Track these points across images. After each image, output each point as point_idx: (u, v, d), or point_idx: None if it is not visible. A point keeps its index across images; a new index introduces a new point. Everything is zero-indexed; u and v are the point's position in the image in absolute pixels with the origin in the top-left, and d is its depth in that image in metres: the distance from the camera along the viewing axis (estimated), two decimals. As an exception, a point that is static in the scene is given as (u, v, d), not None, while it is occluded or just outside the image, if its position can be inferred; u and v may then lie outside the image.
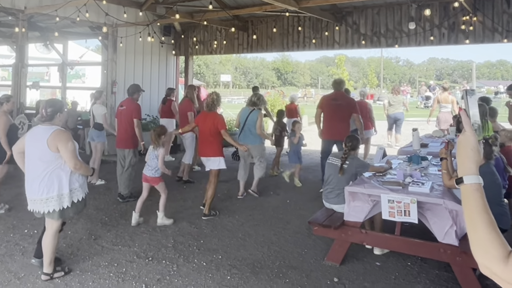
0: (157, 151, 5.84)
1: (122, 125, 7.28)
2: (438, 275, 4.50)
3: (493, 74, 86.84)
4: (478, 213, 1.20)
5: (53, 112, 4.24)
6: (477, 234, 1.18)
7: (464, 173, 1.26)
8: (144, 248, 5.13)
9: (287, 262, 4.80)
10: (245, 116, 7.35)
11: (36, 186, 4.17)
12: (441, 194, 4.25)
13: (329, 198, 5.20)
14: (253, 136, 7.29)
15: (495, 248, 1.13)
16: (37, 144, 4.16)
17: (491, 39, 8.97)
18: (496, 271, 1.13)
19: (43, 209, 4.20)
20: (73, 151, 4.14)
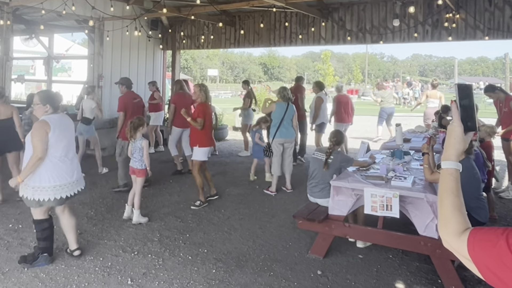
0: (140, 144, 5.84)
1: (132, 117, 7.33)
2: (419, 267, 4.61)
3: (474, 70, 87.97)
4: (447, 193, 1.34)
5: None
6: (442, 211, 1.33)
7: (444, 159, 1.39)
8: (130, 242, 5.16)
9: (272, 255, 4.88)
10: (283, 112, 7.33)
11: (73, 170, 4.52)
12: (422, 188, 4.35)
13: (313, 192, 5.28)
14: (291, 130, 7.43)
15: (453, 224, 1.28)
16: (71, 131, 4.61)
17: (473, 36, 9.10)
18: (452, 244, 1.27)
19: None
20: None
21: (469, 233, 1.23)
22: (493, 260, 1.14)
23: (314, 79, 72.82)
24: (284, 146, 7.42)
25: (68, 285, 4.14)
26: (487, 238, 1.18)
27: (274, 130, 7.39)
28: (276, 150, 7.40)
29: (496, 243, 1.14)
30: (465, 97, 1.39)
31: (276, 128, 7.36)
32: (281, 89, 7.71)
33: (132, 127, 5.82)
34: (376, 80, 36.87)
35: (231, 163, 9.86)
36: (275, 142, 7.40)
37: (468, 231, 1.24)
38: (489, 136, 6.24)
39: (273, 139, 7.41)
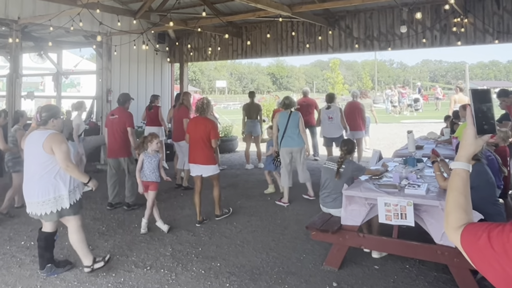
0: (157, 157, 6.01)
1: (113, 135, 7.22)
2: (437, 277, 4.51)
3: (486, 74, 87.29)
4: (452, 191, 1.46)
5: (47, 117, 4.39)
6: (446, 207, 1.46)
7: (455, 160, 1.49)
8: (142, 257, 5.11)
9: (286, 268, 4.80)
10: (286, 120, 7.28)
11: (33, 189, 4.31)
12: (437, 195, 4.27)
13: (326, 203, 5.21)
14: (297, 138, 7.28)
15: (452, 219, 1.40)
16: (33, 147, 4.32)
17: (482, 40, 9.03)
18: (450, 237, 1.40)
19: (40, 211, 4.31)
20: (66, 152, 4.28)
21: (464, 227, 1.34)
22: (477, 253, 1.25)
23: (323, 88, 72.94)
24: (293, 155, 7.34)
25: (81, 302, 4.11)
26: (474, 232, 1.29)
27: (280, 139, 7.35)
28: (283, 159, 7.33)
29: (480, 237, 1.24)
30: (482, 101, 1.44)
31: (281, 137, 7.31)
32: (284, 98, 7.70)
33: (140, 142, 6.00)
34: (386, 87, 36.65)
35: (241, 175, 9.81)
36: (281, 151, 7.34)
37: (464, 226, 1.35)
38: (504, 141, 6.13)
39: (280, 148, 7.37)
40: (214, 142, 6.20)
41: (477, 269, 1.27)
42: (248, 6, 10.18)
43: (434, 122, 19.21)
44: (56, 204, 4.31)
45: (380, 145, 13.11)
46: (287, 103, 7.38)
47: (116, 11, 9.29)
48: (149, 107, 9.83)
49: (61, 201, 4.33)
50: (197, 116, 6.41)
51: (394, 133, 16.90)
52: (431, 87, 52.16)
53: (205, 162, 6.24)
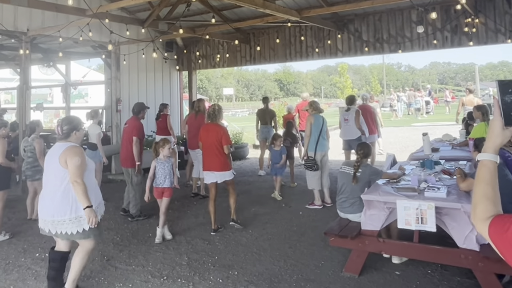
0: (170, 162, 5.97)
1: (124, 144, 7.24)
2: (460, 282, 4.40)
3: (496, 75, 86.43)
4: (479, 182, 1.47)
5: (69, 130, 4.14)
6: (473, 198, 1.47)
7: (482, 151, 1.50)
8: (158, 267, 5.05)
9: (305, 275, 4.71)
10: (321, 124, 7.26)
11: (49, 206, 4.03)
12: (458, 198, 4.17)
13: (343, 208, 5.12)
14: (327, 142, 7.36)
15: (480, 210, 1.42)
16: (52, 161, 4.08)
17: (494, 40, 8.93)
18: (478, 229, 1.42)
19: (54, 230, 4.04)
20: (77, 167, 3.94)
21: (492, 219, 1.36)
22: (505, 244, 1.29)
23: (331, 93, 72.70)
24: (323, 159, 7.31)
25: (98, 314, 4.04)
26: (502, 223, 1.32)
27: (315, 143, 7.22)
28: (320, 163, 7.32)
29: (508, 228, 1.28)
30: (508, 92, 1.44)
31: (316, 140, 7.21)
32: (312, 102, 7.63)
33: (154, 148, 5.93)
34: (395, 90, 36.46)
35: (254, 182, 9.73)
36: (318, 155, 7.26)
37: (492, 217, 1.37)
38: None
39: (315, 152, 7.24)
40: (227, 148, 6.12)
41: (505, 260, 1.31)
42: (255, 12, 10.19)
43: (446, 124, 19.03)
44: (77, 225, 4.00)
45: (393, 149, 12.98)
46: (320, 108, 7.38)
47: (125, 20, 9.31)
48: (157, 116, 9.81)
49: (82, 221, 4.00)
50: (208, 123, 6.36)
51: (406, 136, 16.76)
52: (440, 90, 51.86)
53: (220, 168, 6.17)
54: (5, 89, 21.12)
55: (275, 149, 8.18)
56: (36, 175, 6.85)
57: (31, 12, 9.24)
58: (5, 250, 5.80)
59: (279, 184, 8.16)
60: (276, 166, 8.10)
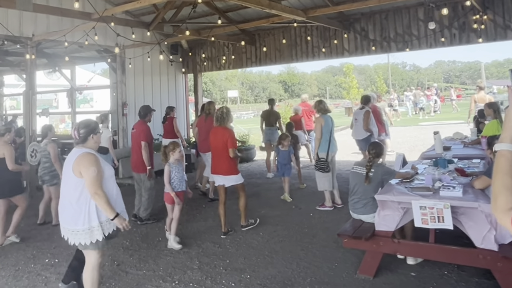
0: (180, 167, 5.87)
1: (134, 149, 7.18)
2: (479, 283, 4.30)
3: (502, 73, 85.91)
4: (497, 173, 1.46)
5: (86, 134, 3.94)
6: (493, 189, 1.46)
7: (499, 141, 1.50)
8: (169, 272, 4.98)
9: (318, 278, 4.63)
10: (330, 125, 7.20)
11: (65, 213, 3.91)
12: (475, 197, 4.08)
13: (356, 209, 5.03)
14: (336, 143, 7.29)
15: (501, 200, 1.41)
16: (67, 168, 3.92)
17: (503, 36, 8.82)
18: (499, 219, 1.41)
19: (73, 241, 3.89)
20: (94, 177, 3.74)
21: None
22: None
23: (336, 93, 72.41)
24: (332, 160, 7.25)
25: (110, 321, 3.98)
26: None
27: (327, 144, 7.12)
28: (331, 164, 7.23)
29: None
30: None
31: (328, 141, 7.12)
32: (319, 102, 7.52)
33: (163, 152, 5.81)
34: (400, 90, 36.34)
35: (263, 184, 9.66)
36: (330, 156, 7.19)
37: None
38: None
39: (328, 154, 7.14)
40: (232, 152, 6.00)
41: None
42: (260, 13, 10.15)
43: (453, 123, 18.89)
44: (90, 236, 3.82)
45: (401, 148, 12.88)
46: (327, 108, 7.29)
47: (130, 23, 9.27)
48: (163, 119, 9.75)
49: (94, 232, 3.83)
50: (217, 126, 6.28)
51: (414, 135, 16.64)
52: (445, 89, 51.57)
53: (226, 172, 6.09)
54: (11, 95, 21.15)
55: (283, 149, 8.08)
56: (54, 180, 6.89)
57: (36, 17, 9.22)
58: (14, 256, 5.75)
59: (288, 184, 8.06)
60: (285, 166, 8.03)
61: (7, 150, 6.07)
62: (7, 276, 5.11)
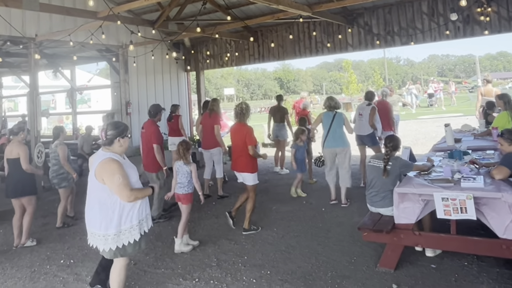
0: (188, 167, 5.64)
1: (144, 149, 7.14)
2: (500, 273, 4.32)
3: (495, 66, 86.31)
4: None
5: (113, 136, 3.83)
6: None
7: None
8: (188, 269, 4.97)
9: (339, 271, 4.63)
10: (330, 121, 7.22)
11: (92, 217, 3.83)
12: (497, 187, 4.09)
13: (374, 202, 5.03)
14: (341, 139, 7.24)
15: None
16: (91, 171, 3.83)
17: (508, 28, 8.83)
18: None
19: (101, 247, 3.81)
20: (120, 184, 3.64)
21: None
22: None
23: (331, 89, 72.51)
24: (337, 156, 7.24)
25: (135, 319, 3.96)
26: None
27: (323, 140, 7.31)
28: (326, 160, 7.35)
29: None
30: None
31: (324, 137, 7.24)
32: (326, 99, 7.57)
33: (184, 150, 5.63)
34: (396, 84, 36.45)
35: (270, 180, 9.65)
36: (325, 152, 7.33)
37: None
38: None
39: (323, 149, 7.34)
40: (251, 149, 5.98)
41: None
42: (263, 9, 10.14)
43: (453, 116, 18.93)
44: (116, 241, 3.76)
45: (404, 142, 12.70)
46: (333, 105, 7.27)
47: (136, 21, 9.22)
48: (169, 118, 9.72)
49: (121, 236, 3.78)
50: (236, 122, 6.30)
51: (414, 129, 16.66)
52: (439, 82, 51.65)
53: (242, 169, 6.09)
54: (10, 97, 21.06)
55: (300, 144, 7.96)
56: (62, 182, 6.86)
57: (39, 17, 9.16)
58: (29, 257, 5.72)
59: (300, 181, 8.01)
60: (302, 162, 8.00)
61: (22, 150, 6.02)
62: (23, 278, 5.08)
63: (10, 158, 6.07)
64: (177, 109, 9.74)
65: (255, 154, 6.06)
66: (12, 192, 6.11)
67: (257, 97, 73.23)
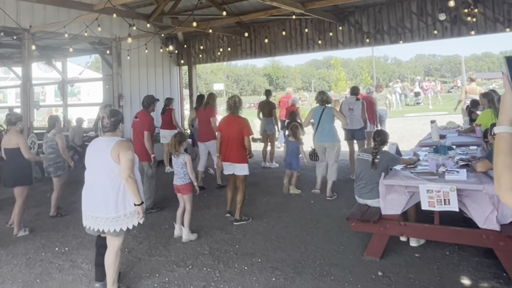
0: (183, 159, 5.78)
1: (136, 138, 7.27)
2: (480, 262, 4.54)
3: (480, 66, 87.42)
4: (499, 154, 1.51)
5: (117, 122, 4.08)
6: (495, 169, 1.51)
7: (497, 124, 1.55)
8: (182, 257, 5.12)
9: (327, 260, 4.83)
10: (319, 115, 7.42)
11: (101, 202, 3.94)
12: (479, 180, 4.30)
13: (362, 194, 5.23)
14: (330, 133, 7.41)
15: (504, 180, 1.45)
16: (101, 156, 3.96)
17: (493, 29, 9.09)
18: (503, 197, 1.47)
19: (107, 228, 3.95)
20: (131, 161, 3.90)
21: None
22: None
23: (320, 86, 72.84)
24: (326, 151, 7.43)
25: (131, 303, 4.11)
26: None
27: (313, 134, 7.56)
28: (319, 153, 7.60)
29: None
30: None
31: (315, 132, 7.48)
32: (318, 93, 7.79)
33: (176, 142, 5.75)
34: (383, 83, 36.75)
35: (259, 173, 9.82)
36: (315, 146, 7.59)
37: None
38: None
39: (314, 143, 7.60)
40: (247, 140, 6.18)
41: None
42: (256, 5, 10.27)
43: (438, 114, 19.24)
44: (126, 222, 3.96)
45: (390, 139, 13.06)
46: (324, 99, 7.45)
47: (131, 15, 9.30)
48: (162, 111, 9.85)
49: (133, 217, 4.00)
50: (228, 114, 6.43)
51: (401, 126, 16.94)
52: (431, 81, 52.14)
53: (237, 160, 6.24)
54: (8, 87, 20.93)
55: (292, 140, 7.77)
56: (58, 171, 6.94)
57: (33, 8, 9.20)
58: (23, 245, 5.81)
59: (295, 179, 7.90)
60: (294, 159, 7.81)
61: (21, 140, 6.12)
62: (19, 264, 5.18)
63: (8, 148, 6.15)
64: (171, 103, 9.90)
65: (249, 145, 6.24)
66: (10, 181, 6.20)
67: (246, 93, 73.31)
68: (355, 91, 8.91)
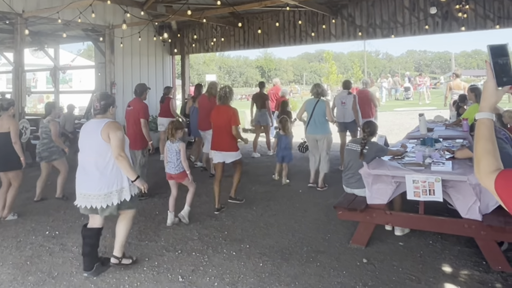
0: (177, 146, 5.83)
1: (130, 126, 7.31)
2: (461, 251, 4.68)
3: (469, 63, 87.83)
4: (479, 139, 1.55)
5: (107, 105, 4.27)
6: (475, 154, 1.56)
7: (479, 111, 1.59)
8: (171, 242, 5.20)
9: (314, 247, 4.93)
10: (312, 107, 7.48)
11: (93, 180, 4.13)
12: (464, 171, 4.42)
13: (349, 183, 5.34)
14: (322, 126, 7.46)
15: (484, 164, 1.51)
16: (92, 137, 4.15)
17: (483, 26, 9.21)
18: (482, 181, 1.51)
19: (99, 204, 4.14)
20: (121, 140, 4.11)
21: (498, 173, 1.46)
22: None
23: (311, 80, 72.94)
24: (318, 143, 7.51)
25: (121, 285, 4.18)
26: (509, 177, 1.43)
27: (306, 126, 7.63)
28: (309, 145, 7.70)
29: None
30: (499, 55, 1.56)
31: (307, 124, 7.54)
32: (313, 85, 7.85)
33: (173, 129, 5.78)
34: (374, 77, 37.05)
35: (250, 163, 9.90)
36: (307, 137, 7.67)
37: (498, 171, 1.47)
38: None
39: (306, 135, 7.69)
40: (235, 129, 6.26)
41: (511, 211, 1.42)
42: (250, -4, 10.27)
43: (426, 109, 19.40)
44: (118, 197, 4.17)
45: (379, 132, 13.23)
46: (320, 92, 7.53)
47: (124, 2, 9.28)
48: (161, 99, 9.97)
49: (123, 192, 4.21)
50: (219, 104, 6.51)
51: (390, 120, 17.08)
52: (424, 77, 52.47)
53: (227, 148, 6.34)
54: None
55: (283, 134, 7.90)
56: (52, 156, 7.01)
57: (27, -8, 9.18)
58: (13, 228, 5.85)
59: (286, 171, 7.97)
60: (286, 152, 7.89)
61: (13, 124, 6.14)
62: (9, 247, 5.22)
63: (0, 132, 6.18)
64: (170, 91, 10.03)
65: (237, 134, 6.31)
66: (1, 165, 6.22)
67: (238, 85, 73.11)
68: (347, 85, 9.00)
